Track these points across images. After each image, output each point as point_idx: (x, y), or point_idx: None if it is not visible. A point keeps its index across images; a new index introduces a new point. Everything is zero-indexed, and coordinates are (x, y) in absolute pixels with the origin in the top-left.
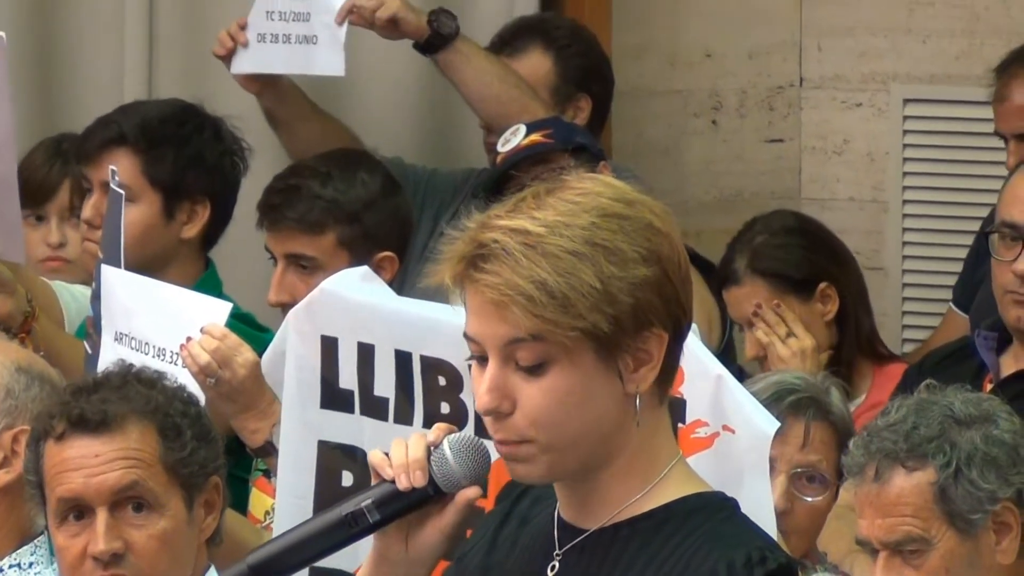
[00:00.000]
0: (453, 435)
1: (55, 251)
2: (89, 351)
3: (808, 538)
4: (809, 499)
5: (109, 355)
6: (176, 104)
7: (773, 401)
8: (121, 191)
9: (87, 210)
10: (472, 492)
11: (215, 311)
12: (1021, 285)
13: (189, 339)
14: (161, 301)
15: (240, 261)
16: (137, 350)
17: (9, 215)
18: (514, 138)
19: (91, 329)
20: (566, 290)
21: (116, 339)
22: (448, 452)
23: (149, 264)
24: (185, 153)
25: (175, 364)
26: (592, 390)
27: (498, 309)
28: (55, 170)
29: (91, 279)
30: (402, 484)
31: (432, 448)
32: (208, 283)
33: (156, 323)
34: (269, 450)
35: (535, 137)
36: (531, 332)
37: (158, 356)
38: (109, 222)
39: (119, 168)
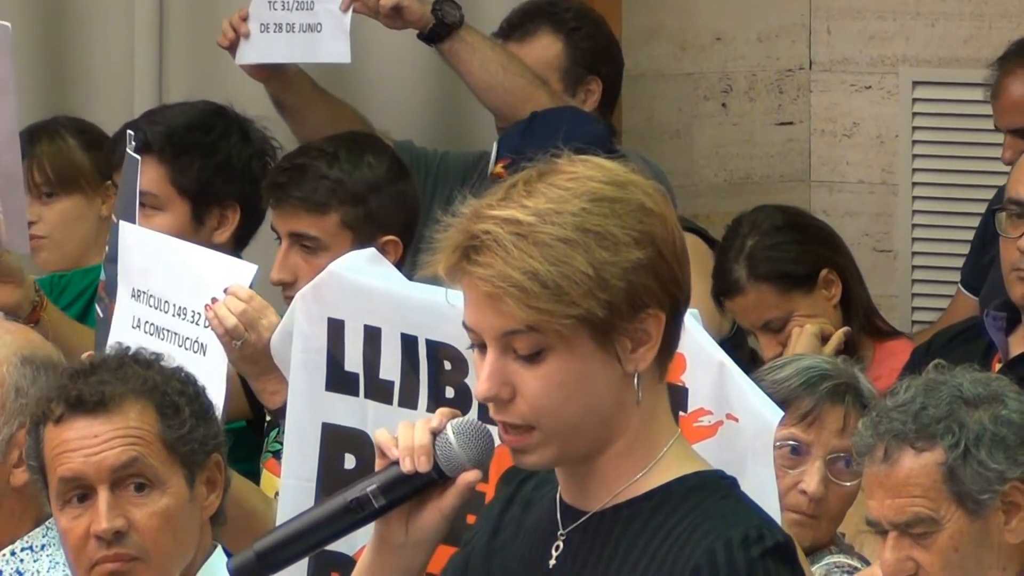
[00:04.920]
0: (456, 420)
1: (29, 229)
2: (101, 315)
3: (837, 523)
4: (846, 484)
5: (125, 312)
6: (203, 108)
7: (807, 387)
8: (137, 156)
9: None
10: (472, 475)
11: (240, 272)
12: (1020, 260)
13: (214, 300)
14: (183, 260)
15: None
16: (155, 308)
17: (15, 207)
18: (491, 162)
19: (103, 293)
20: (558, 279)
21: (133, 296)
22: (452, 437)
23: None
24: (212, 160)
25: (196, 324)
26: (590, 374)
27: (492, 301)
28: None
29: (67, 259)
30: (406, 467)
31: (436, 433)
32: None
33: (177, 282)
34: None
35: (498, 169)
36: (526, 323)
37: (178, 315)
38: (125, 184)
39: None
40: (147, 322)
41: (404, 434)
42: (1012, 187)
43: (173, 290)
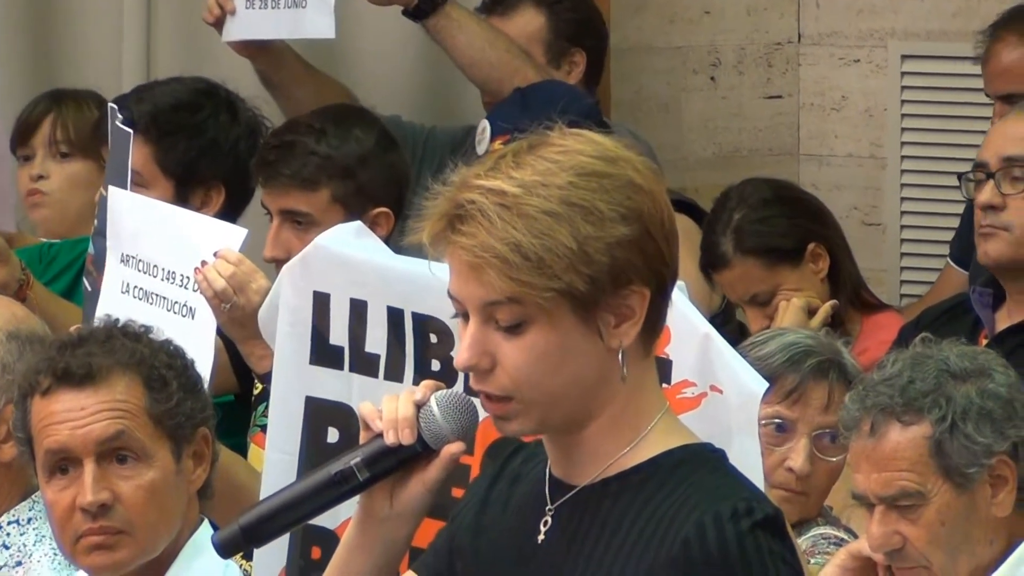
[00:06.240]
0: (441, 392)
1: (35, 183)
2: (89, 288)
3: (824, 497)
4: (833, 459)
5: (114, 277)
6: (193, 87)
7: (791, 364)
8: (129, 130)
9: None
10: (456, 447)
11: (230, 236)
12: (984, 217)
13: (204, 263)
14: (173, 224)
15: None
16: (145, 272)
17: (1, 185)
18: (483, 139)
19: (91, 266)
20: (540, 251)
21: (122, 261)
22: (436, 409)
23: None
24: (198, 141)
25: (185, 288)
26: (572, 348)
27: (474, 271)
28: (39, 108)
29: (64, 222)
30: (390, 439)
31: (420, 405)
32: None
33: (167, 246)
34: None
35: (497, 146)
36: (507, 295)
37: (167, 279)
38: (115, 155)
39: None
40: (136, 287)
41: (388, 407)
42: (979, 153)
43: (163, 254)
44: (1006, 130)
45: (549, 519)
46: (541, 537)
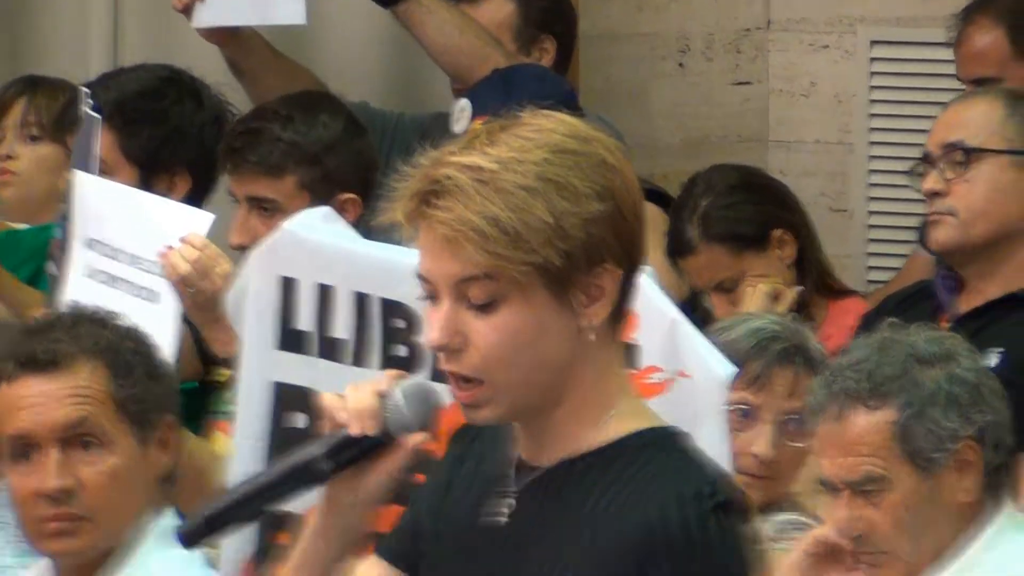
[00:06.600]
0: (404, 382)
1: (3, 163)
2: (55, 272)
3: (790, 483)
4: (797, 445)
5: (79, 261)
6: (157, 74)
7: (757, 350)
8: (98, 116)
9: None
10: (420, 437)
11: (196, 221)
12: (930, 205)
13: (169, 248)
14: (139, 209)
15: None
16: (110, 257)
17: None
18: (463, 117)
19: (57, 251)
20: (518, 225)
21: (87, 245)
22: (400, 399)
23: None
24: (163, 128)
25: (151, 272)
26: (544, 326)
27: (450, 245)
28: (12, 90)
29: (31, 202)
30: (354, 430)
31: (383, 395)
32: None
33: (132, 230)
34: None
35: (477, 125)
36: (484, 269)
37: (132, 263)
38: (82, 141)
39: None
40: (100, 271)
41: (351, 397)
42: (925, 143)
43: (128, 239)
44: (946, 119)
45: (512, 501)
46: (503, 519)
